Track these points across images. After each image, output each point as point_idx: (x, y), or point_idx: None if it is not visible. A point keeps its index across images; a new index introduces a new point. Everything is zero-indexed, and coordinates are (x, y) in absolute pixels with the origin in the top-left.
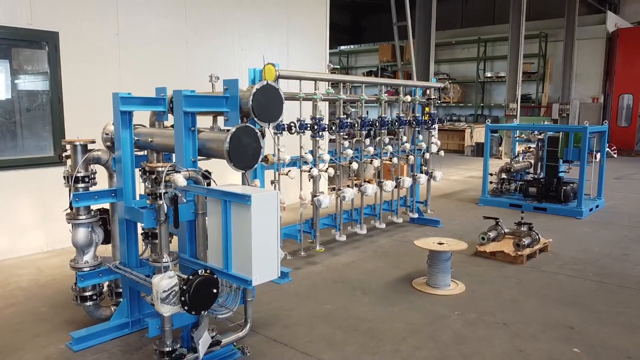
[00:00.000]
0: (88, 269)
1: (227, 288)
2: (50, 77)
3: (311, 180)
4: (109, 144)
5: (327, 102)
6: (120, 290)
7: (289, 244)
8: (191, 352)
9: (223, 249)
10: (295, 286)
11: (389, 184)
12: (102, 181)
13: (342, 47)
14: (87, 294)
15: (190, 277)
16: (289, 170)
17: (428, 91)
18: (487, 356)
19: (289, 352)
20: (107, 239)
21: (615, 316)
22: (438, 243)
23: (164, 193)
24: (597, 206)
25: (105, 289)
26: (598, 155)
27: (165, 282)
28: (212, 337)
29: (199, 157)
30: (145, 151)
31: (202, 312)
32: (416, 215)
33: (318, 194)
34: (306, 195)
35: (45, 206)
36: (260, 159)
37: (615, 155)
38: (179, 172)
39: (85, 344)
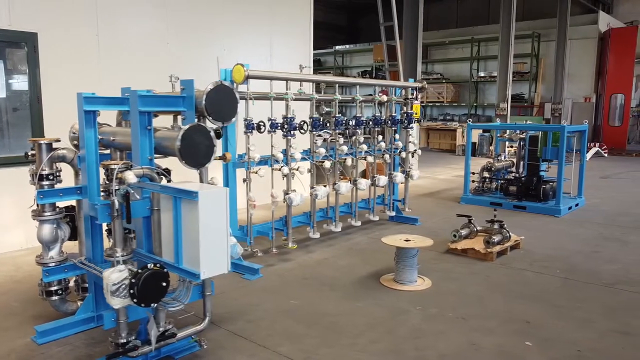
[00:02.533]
0: (53, 264)
1: (181, 282)
2: (29, 77)
3: (284, 178)
4: (75, 142)
5: (311, 102)
6: (87, 285)
7: (264, 241)
8: (146, 345)
9: (174, 244)
10: (266, 282)
11: (364, 182)
12: (70, 179)
13: (338, 47)
14: (53, 288)
15: (139, 270)
16: (259, 169)
17: (407, 91)
18: (440, 349)
19: (248, 345)
20: (74, 236)
21: (573, 311)
22: (405, 240)
23: (116, 189)
24: (576, 204)
25: (71, 284)
26: (588, 154)
27: (115, 275)
28: (167, 330)
29: (157, 155)
30: (110, 150)
31: (152, 305)
32: (393, 214)
33: (290, 192)
34: (277, 193)
35: (25, 204)
36: (213, 157)
37: (606, 155)
38: (131, 169)
39: (50, 337)
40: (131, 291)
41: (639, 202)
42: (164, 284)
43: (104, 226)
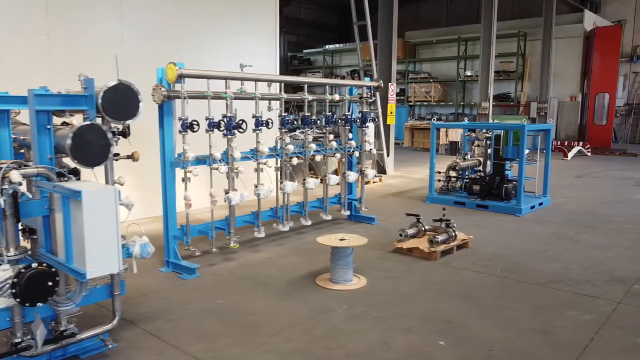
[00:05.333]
0: None
1: (78, 281)
2: None
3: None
4: None
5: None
6: None
7: (216, 241)
8: (48, 344)
9: (65, 243)
10: (201, 282)
11: (312, 182)
12: None
13: (328, 46)
14: None
15: (22, 270)
16: (194, 168)
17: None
18: (350, 348)
19: (160, 345)
20: None
21: (499, 310)
22: (340, 239)
23: (3, 189)
24: (540, 204)
25: None
26: (570, 153)
27: None
28: (66, 330)
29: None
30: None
31: (38, 304)
32: (348, 213)
33: (229, 192)
34: (216, 193)
35: None
36: (110, 156)
37: (589, 154)
38: (20, 169)
39: None
40: (13, 290)
41: (606, 201)
42: (51, 283)
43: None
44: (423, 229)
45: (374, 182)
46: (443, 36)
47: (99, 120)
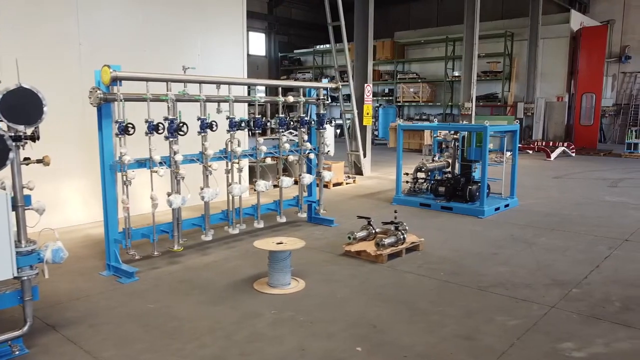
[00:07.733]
0: None
1: None
2: None
3: (178, 180)
4: None
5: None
6: None
7: (163, 243)
8: None
9: None
10: (138, 285)
11: (262, 184)
12: None
13: (318, 47)
14: None
15: None
16: (131, 172)
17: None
18: (265, 354)
19: (73, 350)
20: None
21: (429, 315)
22: (277, 243)
23: None
24: (506, 205)
25: None
26: (555, 153)
27: None
28: None
29: None
30: None
31: None
32: (304, 215)
33: (171, 195)
34: (157, 196)
35: None
36: (8, 161)
37: (573, 154)
38: None
39: None
40: None
41: (576, 203)
42: None
43: None
44: (374, 231)
45: (347, 184)
46: (431, 36)
47: (3, 125)
